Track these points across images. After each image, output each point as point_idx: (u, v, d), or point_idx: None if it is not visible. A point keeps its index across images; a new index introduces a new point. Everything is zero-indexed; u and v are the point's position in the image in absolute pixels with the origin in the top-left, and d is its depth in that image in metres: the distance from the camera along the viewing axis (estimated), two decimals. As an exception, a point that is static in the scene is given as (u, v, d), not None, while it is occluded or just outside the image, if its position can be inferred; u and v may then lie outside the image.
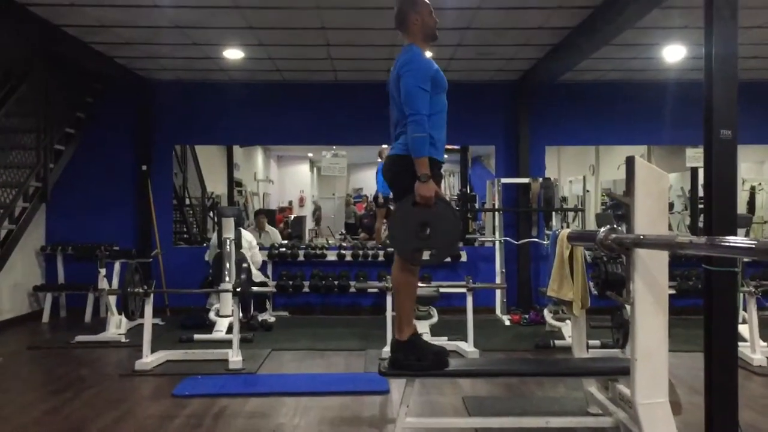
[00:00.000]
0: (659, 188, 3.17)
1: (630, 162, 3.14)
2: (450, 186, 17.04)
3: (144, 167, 8.41)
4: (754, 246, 2.03)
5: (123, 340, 6.51)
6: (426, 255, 3.37)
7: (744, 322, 5.71)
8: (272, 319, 7.64)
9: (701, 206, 9.46)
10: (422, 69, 3.37)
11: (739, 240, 2.33)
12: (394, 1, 3.67)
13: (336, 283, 8.17)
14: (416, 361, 3.46)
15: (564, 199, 11.75)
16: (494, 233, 8.42)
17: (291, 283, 8.17)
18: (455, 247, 3.47)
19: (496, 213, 8.42)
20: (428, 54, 3.63)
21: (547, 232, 8.26)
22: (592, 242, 3.31)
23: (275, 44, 6.96)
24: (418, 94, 3.30)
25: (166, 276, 8.27)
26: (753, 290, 5.65)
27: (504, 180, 8.44)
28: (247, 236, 7.73)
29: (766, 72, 8.09)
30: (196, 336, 6.47)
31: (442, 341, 5.86)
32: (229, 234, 6.94)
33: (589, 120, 8.73)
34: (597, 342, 5.73)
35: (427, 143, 3.29)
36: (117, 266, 7.30)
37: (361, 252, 8.40)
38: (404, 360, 3.47)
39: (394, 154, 3.45)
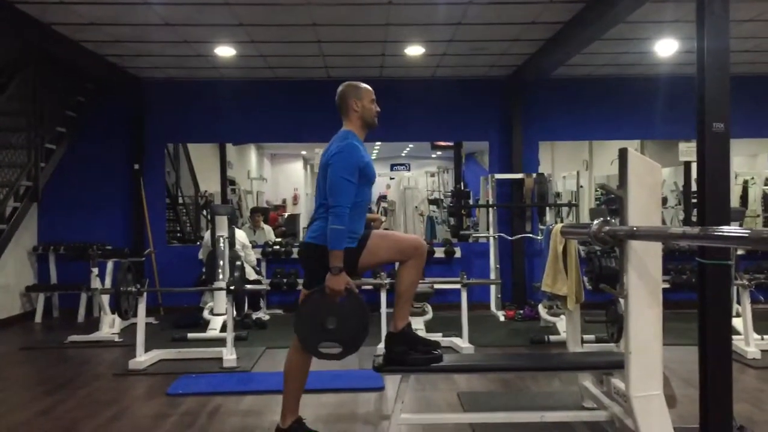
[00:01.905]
0: (652, 180, 3.16)
1: (623, 154, 3.13)
2: (444, 182, 17.04)
3: (136, 166, 8.37)
4: (747, 235, 2.02)
5: (116, 339, 6.49)
6: (330, 349, 3.35)
7: (738, 315, 5.73)
8: (266, 317, 7.62)
9: (695, 200, 9.47)
10: (351, 161, 3.32)
11: (732, 229, 2.33)
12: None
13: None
14: (409, 352, 3.46)
15: (558, 195, 11.79)
16: (488, 229, 8.42)
17: (285, 281, 8.15)
18: (360, 343, 3.43)
19: (490, 209, 8.42)
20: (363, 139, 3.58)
21: (541, 227, 8.27)
22: (586, 235, 3.31)
23: (266, 41, 6.94)
24: (343, 186, 3.27)
25: (160, 275, 8.24)
26: (746, 283, 5.66)
27: (498, 176, 8.44)
28: (240, 236, 7.71)
29: (759, 65, 8.11)
30: (190, 335, 6.45)
31: (436, 337, 5.87)
32: (223, 232, 6.91)
33: (583, 115, 8.73)
34: (592, 336, 5.74)
35: (345, 237, 3.24)
36: (110, 265, 7.27)
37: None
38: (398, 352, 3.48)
39: (308, 241, 3.43)
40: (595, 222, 3.21)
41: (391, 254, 3.48)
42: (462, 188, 12.64)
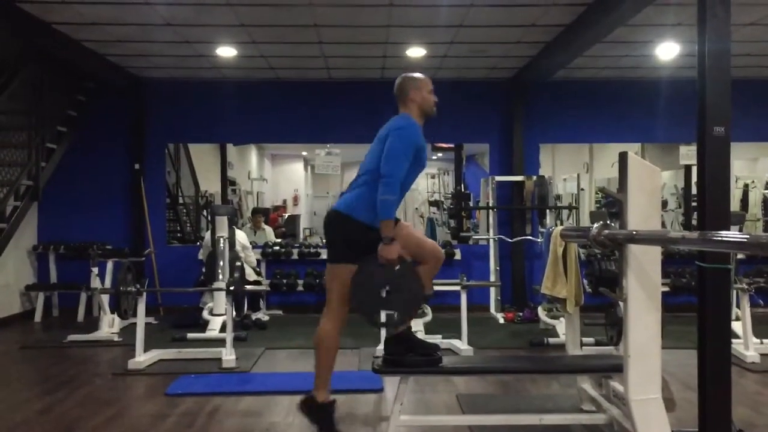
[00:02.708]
0: (652, 184, 3.16)
1: (623, 158, 3.14)
2: (444, 184, 17.04)
3: (137, 166, 8.38)
4: (746, 240, 2.03)
5: (116, 339, 6.48)
6: (387, 316, 3.36)
7: (737, 319, 5.72)
8: (266, 318, 7.63)
9: (695, 204, 9.46)
10: (411, 138, 3.40)
11: (731, 234, 2.33)
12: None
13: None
14: (408, 354, 3.46)
15: (558, 197, 11.79)
16: (488, 231, 8.42)
17: (285, 281, 8.15)
18: (417, 309, 3.46)
19: (491, 211, 8.42)
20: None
21: (541, 230, 8.26)
22: (585, 238, 3.31)
23: (268, 42, 6.94)
24: (399, 158, 3.33)
25: (159, 275, 8.24)
26: (746, 287, 5.65)
27: (498, 178, 8.44)
28: (241, 237, 7.71)
29: (759, 69, 8.11)
30: (190, 335, 6.45)
31: (436, 339, 5.86)
32: (223, 233, 6.92)
33: (583, 118, 8.74)
34: (591, 339, 5.74)
35: (395, 207, 3.30)
36: (110, 265, 7.27)
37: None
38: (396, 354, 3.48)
39: (339, 211, 3.45)
40: (595, 225, 3.21)
41: (409, 252, 3.47)
42: (462, 190, 12.65)
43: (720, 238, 2.24)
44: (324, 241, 3.68)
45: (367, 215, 3.36)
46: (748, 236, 2.03)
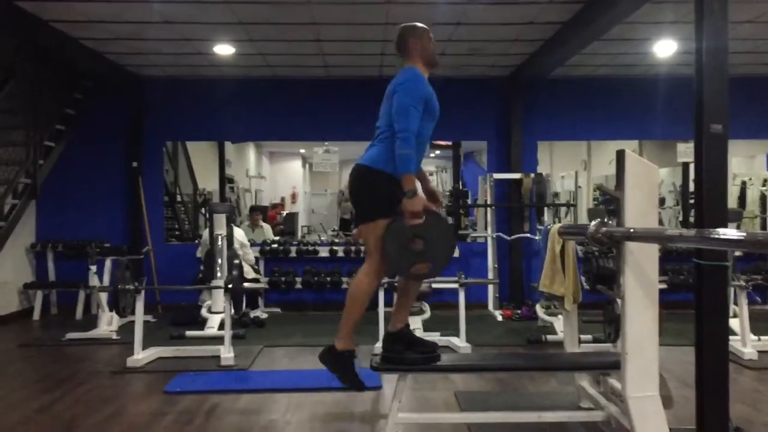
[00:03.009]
0: (649, 182, 3.17)
1: (620, 155, 3.14)
2: (442, 182, 17.05)
3: (135, 164, 8.37)
4: (743, 238, 2.03)
5: (114, 337, 6.49)
6: (424, 268, 3.35)
7: (735, 316, 5.74)
8: (264, 316, 7.63)
9: (693, 201, 9.48)
10: (418, 90, 3.37)
11: (728, 232, 2.33)
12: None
13: (328, 279, 8.16)
14: (406, 352, 3.46)
15: (556, 195, 11.78)
16: (486, 229, 8.43)
17: (283, 279, 8.16)
18: (451, 255, 3.46)
19: (488, 209, 8.43)
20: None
21: (539, 227, 8.27)
22: (583, 236, 3.32)
23: (266, 40, 6.94)
24: (410, 111, 3.29)
25: (158, 273, 8.24)
26: (743, 284, 5.67)
27: (496, 175, 8.44)
28: (239, 235, 7.70)
29: (757, 67, 8.12)
30: (188, 333, 6.44)
31: (434, 336, 5.87)
32: (221, 230, 6.92)
33: (581, 115, 8.74)
34: (589, 337, 5.75)
35: (413, 160, 3.27)
36: (108, 263, 7.27)
37: (353, 248, 8.39)
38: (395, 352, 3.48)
39: (360, 163, 3.43)
40: (593, 223, 3.22)
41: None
42: (460, 188, 12.64)
43: (717, 236, 2.25)
44: (351, 201, 3.62)
45: (393, 166, 3.32)
46: (745, 234, 2.03)
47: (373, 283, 3.48)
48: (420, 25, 3.59)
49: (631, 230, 2.98)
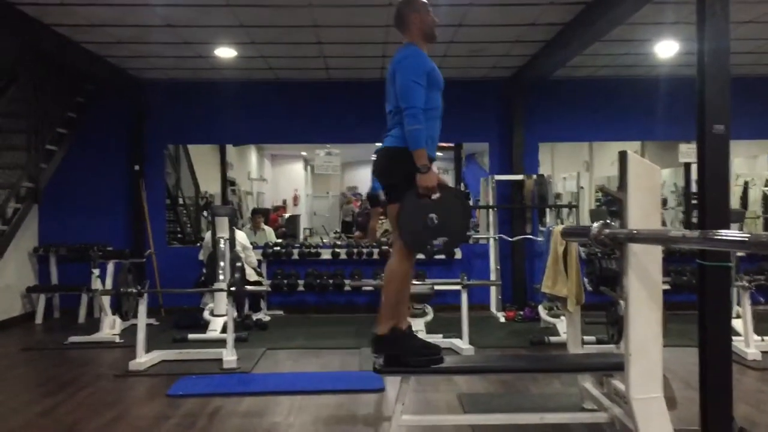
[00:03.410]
0: (652, 183, 3.17)
1: (623, 156, 3.14)
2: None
3: (137, 167, 8.38)
4: (747, 239, 2.03)
5: (117, 340, 6.48)
6: (439, 243, 3.35)
7: (738, 316, 5.73)
8: (267, 318, 7.63)
9: (695, 202, 9.46)
10: (418, 65, 3.39)
11: (731, 233, 2.33)
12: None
13: (331, 281, 8.15)
14: (409, 352, 3.45)
15: (558, 196, 11.79)
16: (488, 230, 8.42)
17: (286, 281, 8.15)
18: (467, 231, 3.47)
19: (491, 210, 8.42)
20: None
21: (542, 228, 8.27)
22: (586, 238, 3.31)
23: (267, 42, 6.94)
24: (413, 87, 3.31)
25: (160, 276, 8.25)
26: (747, 285, 5.66)
27: (498, 177, 8.44)
28: (241, 238, 7.71)
29: (759, 67, 8.11)
30: (191, 336, 6.45)
31: (437, 338, 5.87)
32: (223, 233, 6.92)
33: (583, 116, 8.74)
34: (592, 338, 5.74)
35: (424, 135, 3.29)
36: (110, 266, 7.25)
37: (355, 250, 8.39)
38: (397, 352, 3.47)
39: (386, 146, 3.44)
40: (595, 225, 3.22)
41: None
42: (462, 189, 12.63)
43: (721, 237, 2.25)
44: (381, 183, 3.60)
45: None
46: (749, 235, 2.03)
47: (405, 263, 3.47)
48: None
49: (635, 232, 2.97)
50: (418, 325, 6.16)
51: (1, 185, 7.05)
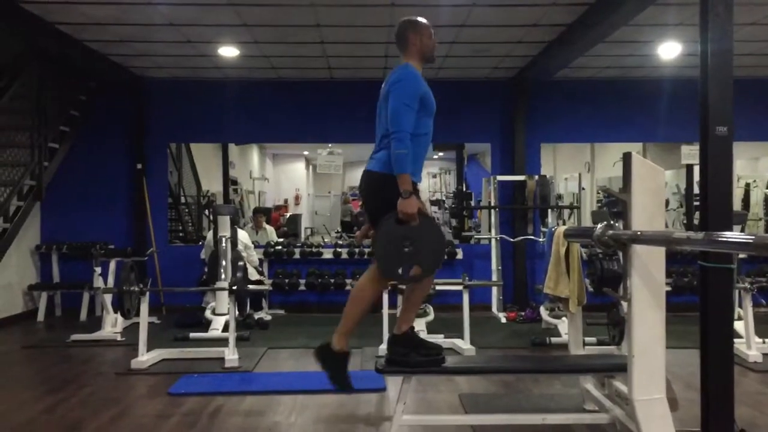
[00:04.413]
0: (656, 184, 3.17)
1: (627, 158, 3.14)
2: (446, 184, 17.05)
3: (139, 165, 8.39)
4: (751, 241, 2.03)
5: (119, 338, 6.49)
6: (411, 272, 3.30)
7: (739, 318, 5.73)
8: (268, 318, 7.63)
9: (697, 203, 9.46)
10: (412, 88, 3.34)
11: (736, 235, 2.33)
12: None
13: (332, 281, 8.16)
14: (411, 354, 3.46)
15: (560, 197, 11.75)
16: (490, 231, 8.42)
17: (287, 281, 8.16)
18: (439, 263, 3.42)
19: (492, 210, 8.42)
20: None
21: (543, 229, 8.27)
22: (589, 239, 3.31)
23: (270, 42, 6.95)
24: (404, 111, 3.27)
25: (162, 274, 8.26)
26: (748, 287, 5.66)
27: (500, 177, 8.44)
28: (243, 237, 7.71)
29: (761, 69, 8.11)
30: (192, 334, 6.46)
31: (438, 339, 5.87)
32: (225, 232, 6.92)
33: (585, 117, 8.74)
34: (593, 339, 5.74)
35: (409, 160, 3.24)
36: (112, 265, 7.27)
37: (357, 250, 8.39)
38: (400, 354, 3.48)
39: (370, 170, 3.42)
40: (599, 226, 3.22)
41: None
42: (464, 190, 12.65)
43: (725, 239, 2.25)
44: (365, 207, 3.60)
45: None
46: (753, 237, 2.03)
47: (376, 287, 3.47)
48: (421, 19, 3.58)
49: (638, 233, 2.97)
50: (419, 325, 6.16)
51: (3, 183, 7.05)
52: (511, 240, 8.29)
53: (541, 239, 8.12)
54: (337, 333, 3.46)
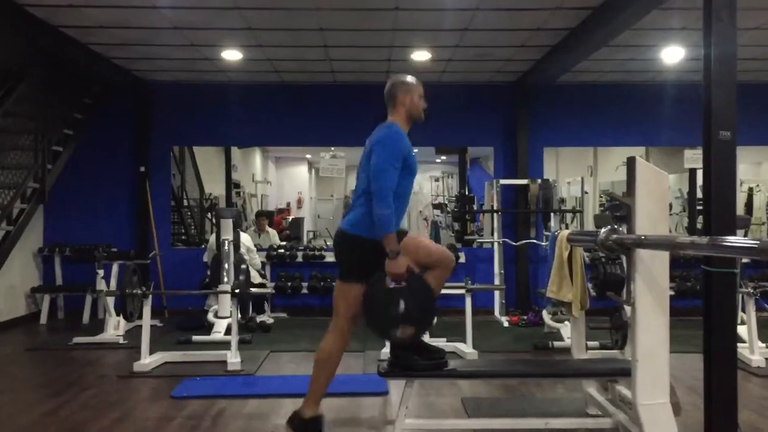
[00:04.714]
0: (660, 189, 3.17)
1: (631, 162, 3.14)
2: (448, 187, 17.07)
3: (142, 168, 8.40)
4: (756, 246, 2.03)
5: (121, 341, 6.49)
6: (404, 331, 3.29)
7: (742, 323, 5.72)
8: (271, 321, 7.63)
9: (700, 207, 9.47)
10: (396, 147, 3.35)
11: (741, 240, 2.33)
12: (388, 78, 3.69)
13: (334, 284, 8.11)
14: (413, 358, 3.46)
15: (562, 201, 11.77)
16: (493, 234, 8.42)
17: (289, 284, 8.16)
18: (432, 318, 3.41)
19: (495, 214, 8.42)
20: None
21: (546, 233, 8.26)
22: (593, 243, 3.31)
23: (274, 45, 6.96)
24: (387, 170, 3.28)
25: (165, 277, 8.26)
26: (752, 291, 5.65)
27: (502, 181, 8.44)
28: (245, 240, 7.71)
29: (765, 73, 8.11)
30: (195, 337, 6.45)
31: (440, 342, 5.86)
32: (228, 235, 6.93)
33: (588, 121, 8.74)
34: (596, 343, 5.73)
35: (393, 220, 3.25)
36: (115, 267, 7.29)
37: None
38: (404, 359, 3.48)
39: (344, 230, 3.43)
40: (603, 230, 3.22)
41: (417, 258, 3.44)
42: (466, 193, 12.65)
43: (730, 244, 2.24)
44: (335, 260, 3.64)
45: (373, 231, 3.31)
46: (758, 242, 2.03)
47: (339, 343, 3.51)
48: (411, 79, 3.60)
49: (643, 237, 2.97)
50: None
51: (7, 185, 7.05)
52: (514, 244, 8.29)
53: (543, 243, 8.12)
54: (306, 401, 3.50)
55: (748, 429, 3.66)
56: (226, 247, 6.85)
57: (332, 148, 8.67)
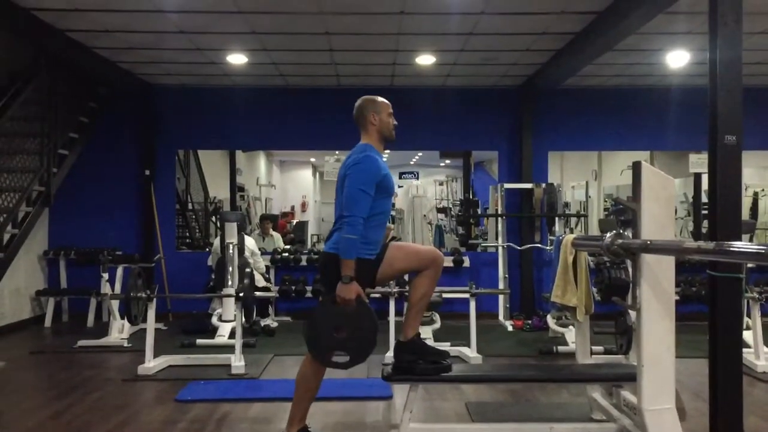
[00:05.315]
0: (666, 193, 3.16)
1: (637, 167, 3.13)
2: (452, 191, 17.06)
3: (147, 172, 8.42)
4: (763, 251, 2.02)
5: (125, 344, 6.50)
6: (338, 358, 3.30)
7: (748, 328, 5.69)
8: (275, 324, 7.62)
9: (705, 212, 9.44)
10: (369, 172, 3.35)
11: (747, 245, 2.33)
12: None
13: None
14: (417, 362, 3.46)
15: (567, 205, 11.76)
16: (497, 239, 8.40)
17: (294, 288, 8.16)
18: (368, 353, 3.40)
19: (499, 218, 8.41)
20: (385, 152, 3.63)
21: (550, 237, 8.25)
22: (598, 247, 3.30)
23: (279, 49, 6.97)
24: (358, 197, 3.29)
25: (169, 281, 8.27)
26: (757, 296, 5.63)
27: (507, 185, 8.43)
28: (250, 243, 7.72)
29: (769, 78, 8.09)
30: (199, 341, 6.46)
31: (445, 346, 5.85)
32: (232, 239, 6.93)
33: (592, 125, 8.73)
34: (600, 348, 5.72)
35: (357, 246, 3.25)
36: (120, 271, 7.30)
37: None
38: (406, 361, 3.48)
39: (326, 251, 3.44)
40: (608, 235, 3.21)
41: (409, 264, 3.48)
42: (471, 197, 12.65)
43: (737, 249, 2.24)
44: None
45: (355, 252, 3.32)
46: (765, 247, 2.02)
47: (319, 371, 3.51)
48: (380, 99, 3.62)
49: (648, 242, 2.96)
50: (425, 333, 6.15)
51: (12, 188, 7.07)
52: (518, 248, 8.28)
53: (548, 247, 8.11)
54: (289, 422, 3.53)
55: (753, 435, 3.65)
56: (231, 251, 6.86)
57: (336, 152, 8.68)
